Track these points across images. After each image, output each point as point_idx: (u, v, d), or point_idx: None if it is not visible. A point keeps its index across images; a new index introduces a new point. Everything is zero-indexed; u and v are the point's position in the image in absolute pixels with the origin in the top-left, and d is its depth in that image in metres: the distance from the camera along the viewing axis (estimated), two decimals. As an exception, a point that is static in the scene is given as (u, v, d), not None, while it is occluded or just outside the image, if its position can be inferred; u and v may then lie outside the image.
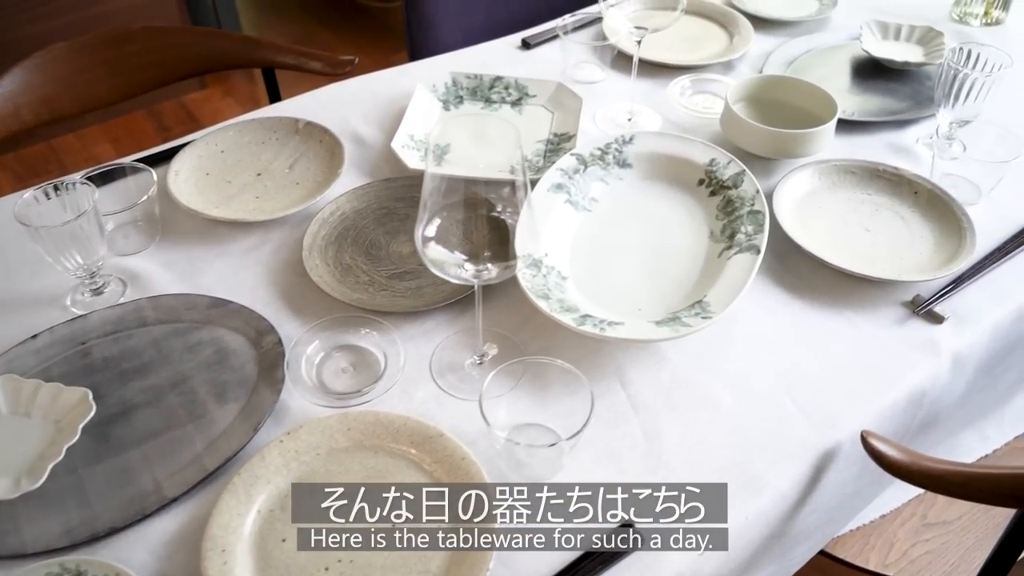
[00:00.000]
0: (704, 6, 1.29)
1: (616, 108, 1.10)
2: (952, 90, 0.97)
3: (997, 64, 0.98)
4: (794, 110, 1.04)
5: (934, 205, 0.93)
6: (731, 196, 0.91)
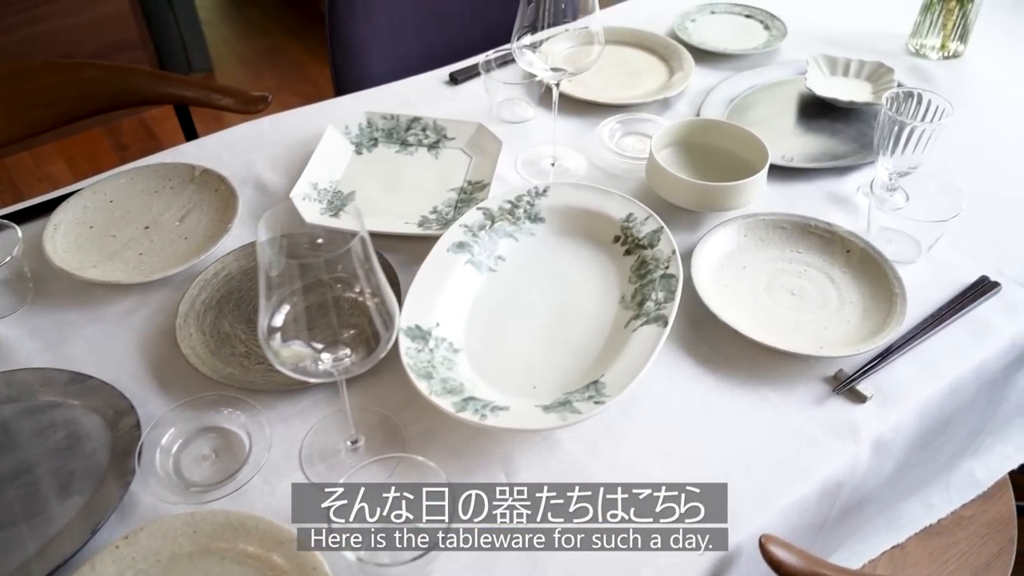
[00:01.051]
0: (646, 38, 1.22)
1: (540, 152, 1.03)
2: (891, 139, 0.91)
3: (939, 112, 0.91)
4: (727, 156, 0.98)
5: (866, 266, 0.86)
6: (645, 256, 0.84)
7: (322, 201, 0.95)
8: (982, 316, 0.83)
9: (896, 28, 1.25)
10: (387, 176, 1.00)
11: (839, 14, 1.31)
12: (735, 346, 0.79)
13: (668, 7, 1.31)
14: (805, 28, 1.27)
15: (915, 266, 0.89)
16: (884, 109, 0.90)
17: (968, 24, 1.18)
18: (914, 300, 0.84)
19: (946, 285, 0.86)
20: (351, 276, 0.58)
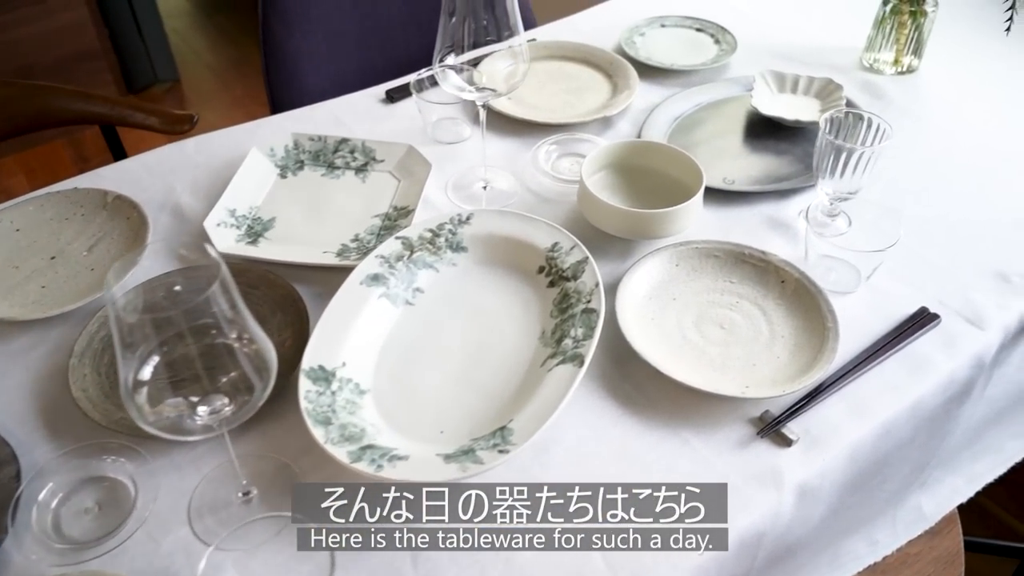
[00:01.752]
0: (591, 53, 1.18)
1: (472, 175, 1.00)
2: (830, 162, 0.87)
3: (881, 133, 0.87)
4: (664, 179, 0.94)
5: (801, 297, 0.82)
6: (568, 289, 0.81)
7: (240, 228, 0.91)
8: (920, 350, 0.80)
9: (851, 42, 1.22)
10: (311, 201, 0.96)
11: (793, 28, 1.28)
12: (659, 385, 0.76)
13: (618, 20, 1.27)
14: (757, 42, 1.23)
15: (854, 296, 0.85)
16: (822, 132, 0.87)
17: (922, 38, 1.14)
18: (851, 333, 0.80)
19: (884, 316, 0.83)
20: (217, 322, 0.54)
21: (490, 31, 0.85)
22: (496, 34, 0.86)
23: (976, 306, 0.83)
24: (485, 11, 0.83)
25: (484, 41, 0.85)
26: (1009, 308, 0.83)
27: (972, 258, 0.89)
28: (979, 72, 1.17)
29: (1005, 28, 0.99)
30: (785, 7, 1.32)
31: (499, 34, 0.86)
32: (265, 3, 1.16)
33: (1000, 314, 0.83)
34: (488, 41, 0.86)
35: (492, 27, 0.85)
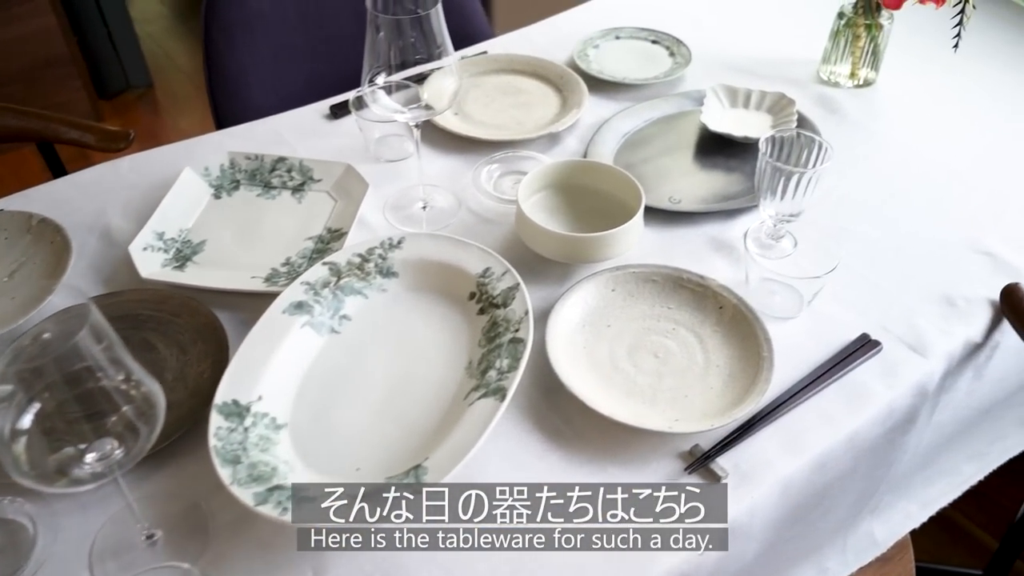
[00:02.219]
0: (542, 67, 1.15)
1: (411, 195, 0.97)
2: (770, 184, 0.85)
3: (824, 153, 0.85)
4: (606, 199, 0.91)
5: (738, 324, 0.80)
6: (497, 317, 0.78)
7: (168, 251, 0.89)
8: (859, 379, 0.77)
9: (810, 54, 1.19)
10: (244, 223, 0.93)
11: (752, 39, 1.25)
12: (587, 418, 0.73)
13: (574, 31, 1.24)
14: (714, 54, 1.21)
15: (795, 321, 0.83)
16: (762, 154, 0.84)
17: (878, 51, 1.12)
18: (789, 361, 0.78)
19: (825, 343, 0.80)
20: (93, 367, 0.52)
21: (419, 49, 0.82)
22: (426, 52, 0.83)
23: (919, 332, 0.81)
24: (412, 28, 0.81)
25: (413, 60, 0.83)
26: (953, 334, 0.81)
27: (919, 280, 0.87)
28: (936, 85, 1.14)
29: (953, 45, 0.97)
30: (745, 18, 1.30)
31: (429, 52, 0.83)
32: (207, 17, 1.13)
33: (943, 341, 0.81)
34: (418, 60, 0.83)
35: (421, 45, 0.82)
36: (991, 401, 0.93)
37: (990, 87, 1.14)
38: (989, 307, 0.84)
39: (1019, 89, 1.13)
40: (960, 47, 1.20)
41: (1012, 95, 1.12)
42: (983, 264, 0.88)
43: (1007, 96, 1.12)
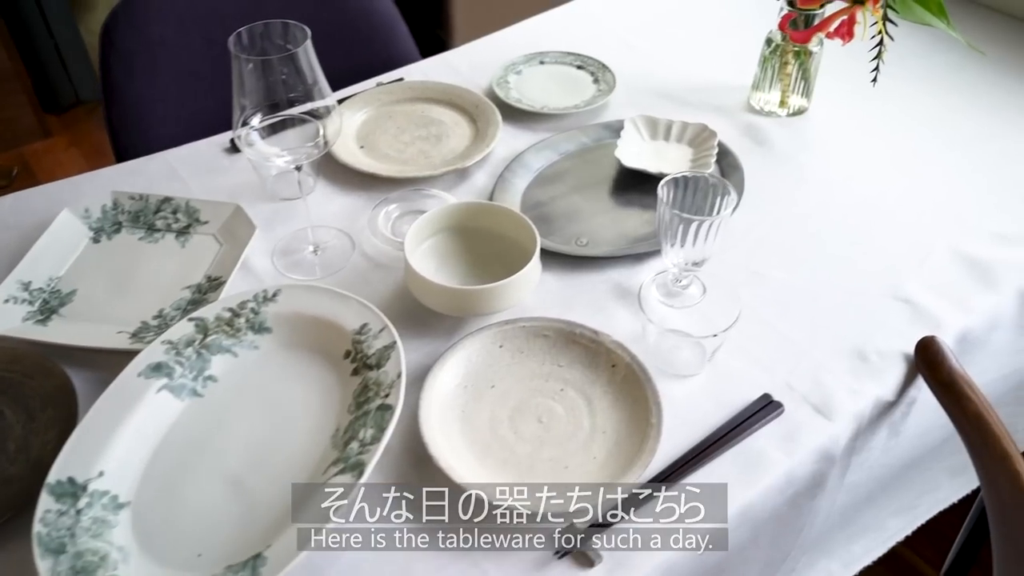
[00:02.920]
0: (457, 95, 1.10)
1: (303, 238, 0.91)
2: (670, 231, 0.79)
3: (724, 200, 0.80)
4: (505, 243, 0.86)
5: (629, 385, 0.74)
6: (369, 379, 0.73)
7: (33, 303, 0.83)
8: (756, 446, 0.72)
9: (743, 80, 1.13)
10: (121, 270, 0.88)
11: (685, 63, 1.20)
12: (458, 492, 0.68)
13: (499, 56, 1.19)
14: (642, 80, 1.15)
15: (697, 379, 0.77)
16: (660, 201, 0.79)
17: (809, 78, 1.07)
18: (686, 423, 0.73)
19: (725, 404, 0.75)
20: None
21: (291, 85, 0.77)
22: (302, 90, 0.78)
23: (826, 391, 0.76)
24: (282, 63, 0.75)
25: (285, 98, 0.77)
26: (863, 394, 0.76)
27: (831, 332, 0.81)
28: (871, 113, 1.09)
29: (871, 79, 0.92)
30: (680, 41, 1.24)
31: (306, 90, 0.78)
32: (103, 44, 1.08)
33: (851, 401, 0.75)
34: (293, 98, 0.78)
35: (293, 80, 0.77)
36: (913, 457, 0.88)
37: (927, 116, 1.09)
38: (903, 362, 0.79)
39: (955, 118, 1.08)
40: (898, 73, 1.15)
41: (948, 125, 1.07)
42: (901, 313, 0.83)
43: (943, 126, 1.07)
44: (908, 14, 0.93)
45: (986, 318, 0.84)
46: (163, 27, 1.11)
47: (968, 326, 0.82)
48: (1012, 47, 1.20)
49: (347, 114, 1.07)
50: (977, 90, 1.12)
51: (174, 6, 1.11)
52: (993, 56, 1.18)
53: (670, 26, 1.27)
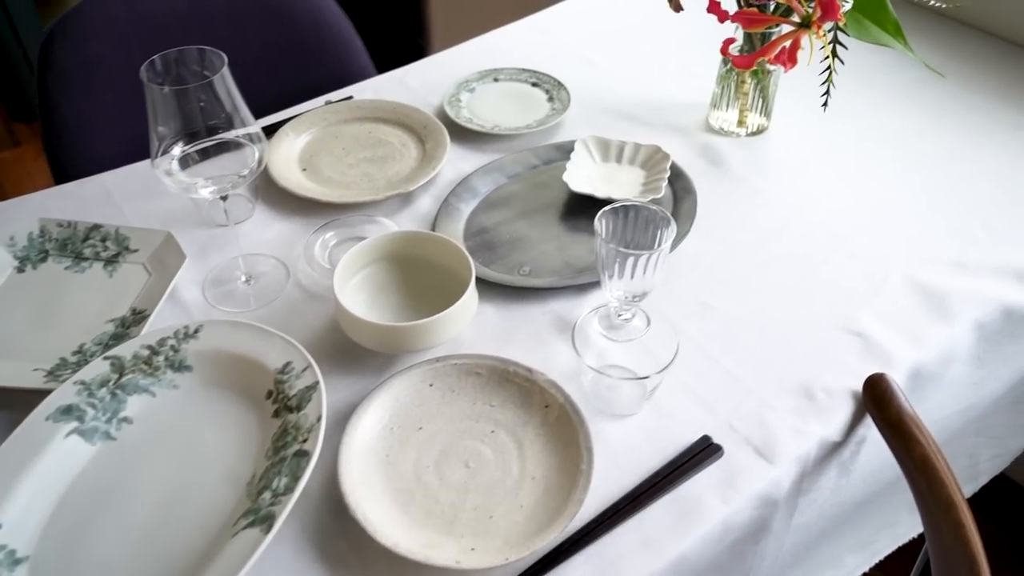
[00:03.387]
0: (406, 114, 1.07)
1: (236, 267, 0.88)
2: (608, 264, 0.76)
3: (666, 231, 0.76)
4: (443, 273, 0.83)
5: (562, 428, 0.71)
6: (289, 423, 0.69)
7: (-54, 341, 0.80)
8: (693, 493, 0.69)
9: (704, 98, 1.10)
10: (44, 301, 0.84)
11: (645, 80, 1.16)
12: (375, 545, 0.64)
13: (453, 73, 1.16)
14: (600, 98, 1.12)
15: (636, 419, 0.74)
16: (597, 233, 0.76)
17: (768, 97, 1.03)
18: (621, 468, 0.70)
19: (663, 446, 0.72)
20: None
21: (210, 113, 0.73)
22: (224, 117, 0.74)
23: (770, 432, 0.73)
24: (201, 91, 0.72)
25: (204, 126, 0.74)
26: (807, 434, 0.73)
27: (779, 368, 0.78)
28: (831, 134, 1.06)
29: (822, 104, 0.89)
30: (640, 56, 1.21)
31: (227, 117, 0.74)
32: (40, 63, 1.04)
33: (795, 443, 0.72)
34: (214, 126, 0.75)
35: (212, 108, 0.73)
36: (866, 494, 0.84)
37: (889, 136, 1.05)
38: (851, 400, 0.75)
39: (918, 138, 1.05)
40: (861, 91, 1.12)
41: (910, 145, 1.04)
42: (852, 347, 0.80)
43: (906, 147, 1.04)
44: (863, 34, 0.90)
45: (940, 352, 0.81)
46: (102, 44, 1.08)
47: (921, 361, 0.79)
48: (978, 62, 1.17)
49: (291, 135, 1.03)
50: (942, 108, 1.09)
51: (114, 23, 1.08)
52: (960, 73, 1.15)
53: (631, 41, 1.24)
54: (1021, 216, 0.94)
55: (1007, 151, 1.03)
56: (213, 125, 0.74)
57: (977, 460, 0.97)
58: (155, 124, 0.73)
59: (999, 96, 1.11)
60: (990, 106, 1.09)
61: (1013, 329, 0.85)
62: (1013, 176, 0.99)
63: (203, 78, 0.72)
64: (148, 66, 0.72)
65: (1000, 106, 1.09)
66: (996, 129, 1.06)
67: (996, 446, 0.97)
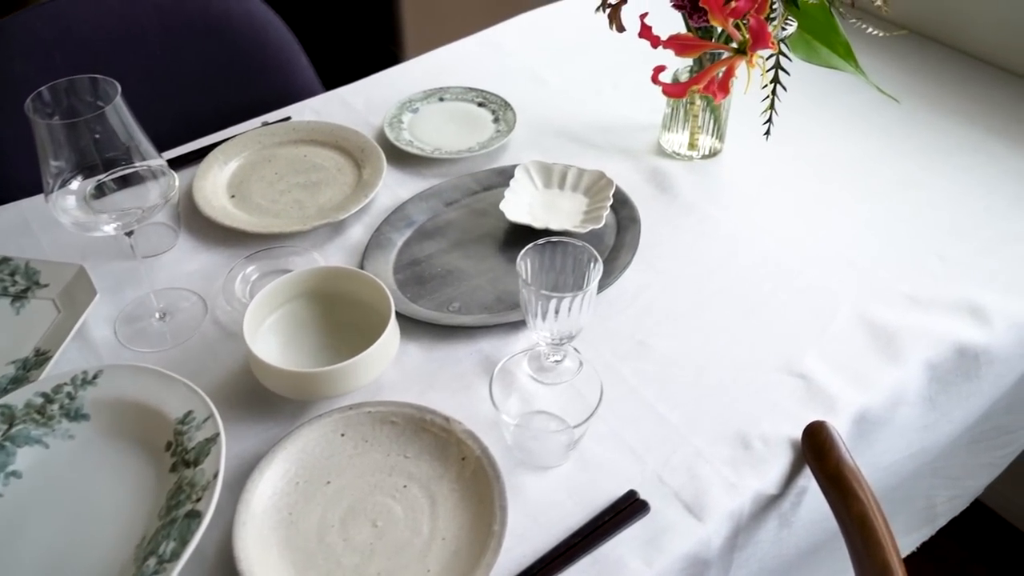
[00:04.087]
0: (345, 137, 1.02)
1: (151, 303, 0.84)
2: (533, 306, 0.72)
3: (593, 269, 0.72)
4: (363, 311, 0.78)
5: (478, 483, 0.67)
6: (184, 479, 0.65)
7: None
8: (614, 554, 0.64)
9: (656, 119, 1.06)
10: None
11: (596, 100, 1.12)
12: (271, 612, 0.60)
13: (397, 91, 1.12)
14: (551, 119, 1.08)
15: (560, 471, 0.70)
16: (519, 274, 0.71)
17: (720, 119, 0.99)
18: (541, 526, 0.66)
19: (587, 502, 0.68)
20: None
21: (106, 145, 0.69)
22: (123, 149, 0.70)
23: (701, 486, 0.68)
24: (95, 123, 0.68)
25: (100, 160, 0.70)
26: (741, 488, 0.68)
27: (715, 414, 0.74)
28: (785, 158, 1.02)
29: (764, 132, 0.84)
30: (593, 74, 1.17)
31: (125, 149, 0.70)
32: (-41, 84, 1.00)
33: (728, 498, 0.68)
34: (113, 158, 0.70)
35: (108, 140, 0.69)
36: (812, 543, 0.80)
37: (844, 161, 1.01)
38: (790, 450, 0.71)
39: (874, 163, 1.01)
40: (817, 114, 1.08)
41: (866, 171, 1.00)
42: (794, 391, 0.75)
43: (861, 172, 0.99)
44: (812, 57, 0.86)
45: (888, 395, 0.77)
46: (26, 64, 1.03)
47: (867, 405, 0.75)
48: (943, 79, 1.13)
49: (222, 159, 0.99)
50: (902, 131, 1.05)
51: (39, 42, 1.03)
52: (922, 90, 1.11)
53: (586, 57, 1.20)
54: (980, 245, 0.89)
55: (968, 175, 0.98)
56: (111, 158, 0.70)
57: (934, 502, 0.93)
58: (47, 158, 0.69)
59: (962, 116, 1.07)
60: (952, 126, 1.05)
61: (967, 368, 0.81)
62: (973, 201, 0.95)
63: (96, 108, 0.67)
64: (35, 98, 0.68)
65: (962, 126, 1.05)
66: (957, 152, 1.02)
67: (954, 487, 0.93)
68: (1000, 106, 1.08)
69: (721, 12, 0.68)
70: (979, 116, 1.07)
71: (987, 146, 1.02)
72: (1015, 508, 1.42)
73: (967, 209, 0.94)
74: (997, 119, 1.06)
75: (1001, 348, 0.81)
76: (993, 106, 1.08)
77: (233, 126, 1.07)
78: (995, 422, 0.91)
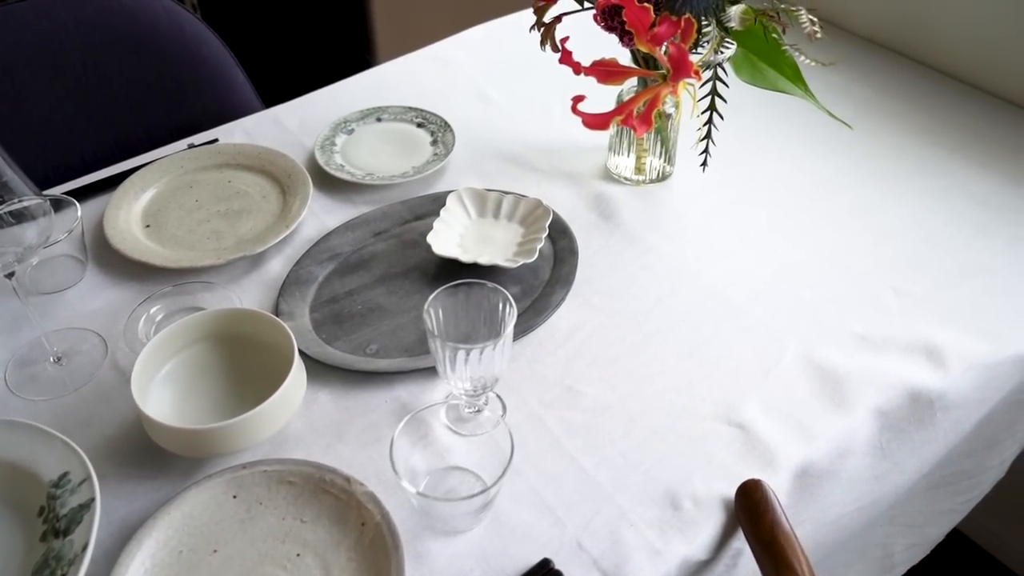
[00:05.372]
0: (271, 160, 0.96)
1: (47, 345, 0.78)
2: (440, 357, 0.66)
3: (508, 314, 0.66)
4: (270, 354, 0.73)
5: (376, 552, 0.61)
6: (52, 551, 0.59)
7: None
8: (523, 632, 0.59)
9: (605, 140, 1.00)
10: None
11: (542, 120, 1.06)
12: None
13: (334, 110, 1.06)
14: (490, 140, 1.02)
15: (466, 537, 0.64)
16: (426, 324, 0.66)
17: (668, 141, 0.94)
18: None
19: (498, 570, 0.62)
20: None
21: None
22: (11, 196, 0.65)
23: (623, 552, 0.63)
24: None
25: None
26: (666, 556, 0.63)
27: (644, 469, 0.68)
28: (737, 183, 0.96)
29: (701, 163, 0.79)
30: (542, 92, 1.11)
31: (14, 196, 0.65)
32: None
33: (651, 566, 0.62)
34: None
35: None
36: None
37: (799, 187, 0.95)
38: (722, 511, 0.66)
39: (829, 189, 0.95)
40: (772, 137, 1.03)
41: (821, 197, 0.94)
42: (731, 443, 0.70)
43: (816, 198, 0.94)
44: (757, 79, 0.80)
45: (834, 446, 0.71)
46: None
47: (810, 458, 0.70)
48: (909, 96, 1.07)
49: (138, 185, 0.93)
50: (862, 153, 0.99)
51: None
52: (888, 108, 1.05)
53: (535, 74, 1.14)
54: (939, 277, 0.84)
55: (931, 199, 0.93)
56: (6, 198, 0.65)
57: (891, 551, 0.87)
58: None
59: (926, 135, 1.01)
60: (915, 146, 1.00)
61: (921, 415, 0.75)
62: (935, 229, 0.89)
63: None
64: None
65: (926, 147, 1.00)
66: (918, 175, 0.96)
67: (913, 535, 0.87)
68: (965, 126, 1.02)
69: (645, 36, 0.62)
70: (944, 136, 1.01)
71: (951, 168, 0.97)
72: (1015, 553, 1.36)
73: (928, 238, 0.88)
74: (963, 139, 1.00)
75: (958, 393, 0.76)
76: (959, 125, 1.03)
77: (160, 148, 1.01)
78: (955, 467, 0.86)
